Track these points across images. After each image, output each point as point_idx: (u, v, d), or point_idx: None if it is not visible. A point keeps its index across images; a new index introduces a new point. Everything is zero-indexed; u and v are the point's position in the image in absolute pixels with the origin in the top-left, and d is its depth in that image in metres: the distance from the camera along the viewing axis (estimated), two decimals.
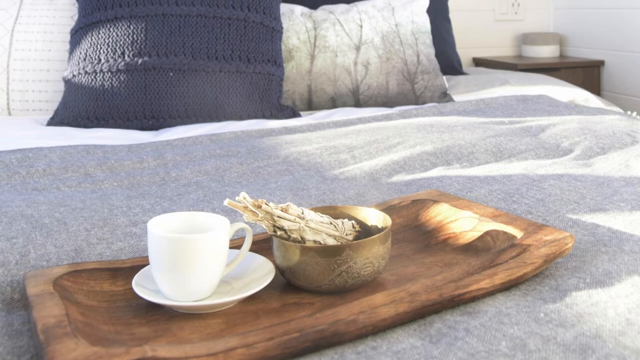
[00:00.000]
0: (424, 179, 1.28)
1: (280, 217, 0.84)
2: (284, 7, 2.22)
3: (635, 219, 1.02)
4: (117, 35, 1.93)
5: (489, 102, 1.97)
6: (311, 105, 2.12)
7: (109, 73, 1.89)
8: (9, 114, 2.04)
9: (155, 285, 0.82)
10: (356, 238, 0.89)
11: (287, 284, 0.86)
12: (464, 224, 0.97)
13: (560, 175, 1.25)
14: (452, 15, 2.99)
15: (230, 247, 0.90)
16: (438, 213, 1.02)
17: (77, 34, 1.99)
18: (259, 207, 0.83)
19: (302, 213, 0.85)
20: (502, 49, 3.24)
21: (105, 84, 1.87)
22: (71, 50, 1.98)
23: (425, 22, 2.22)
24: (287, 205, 0.85)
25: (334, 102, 2.11)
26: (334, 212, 0.93)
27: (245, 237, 0.89)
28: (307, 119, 1.91)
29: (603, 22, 2.91)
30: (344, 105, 2.12)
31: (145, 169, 1.38)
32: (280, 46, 2.05)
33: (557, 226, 1.01)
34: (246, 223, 1.00)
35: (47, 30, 2.10)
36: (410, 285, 0.78)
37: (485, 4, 3.19)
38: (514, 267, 0.82)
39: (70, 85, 1.91)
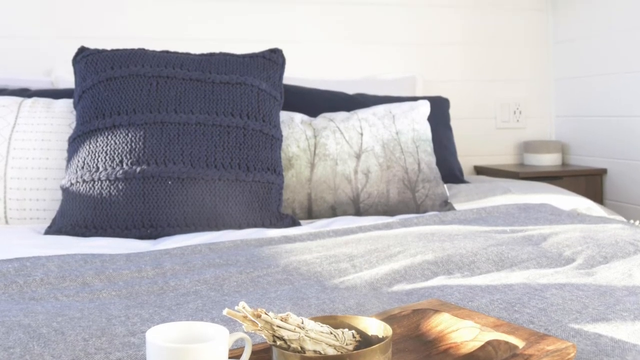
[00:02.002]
0: (425, 288, 1.31)
1: (280, 327, 0.86)
2: (284, 115, 2.28)
3: (638, 329, 1.05)
4: (116, 144, 1.98)
5: (490, 210, 2.01)
6: (311, 214, 2.16)
7: (107, 181, 1.93)
8: (6, 222, 2.08)
9: None
10: (356, 348, 0.91)
11: None
12: (465, 333, 0.99)
13: (562, 285, 1.28)
14: (454, 123, 3.07)
15: (230, 357, 0.92)
16: (439, 323, 1.04)
17: (75, 142, 2.04)
18: (259, 316, 0.85)
19: (302, 323, 0.87)
20: (503, 157, 3.30)
21: (104, 193, 1.92)
22: (69, 159, 2.03)
23: (426, 130, 2.28)
24: (287, 315, 0.87)
25: (334, 211, 2.15)
26: (334, 322, 0.96)
27: (244, 347, 0.91)
28: (307, 227, 1.94)
29: (605, 130, 2.99)
30: (344, 213, 2.16)
31: (143, 279, 1.41)
32: (280, 154, 2.11)
33: (559, 336, 1.03)
34: (245, 333, 1.02)
35: (45, 138, 2.16)
36: None
37: (487, 111, 3.28)
38: None
39: (68, 193, 1.96)
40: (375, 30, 3.17)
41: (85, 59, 2.19)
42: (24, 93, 2.41)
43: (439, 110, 2.76)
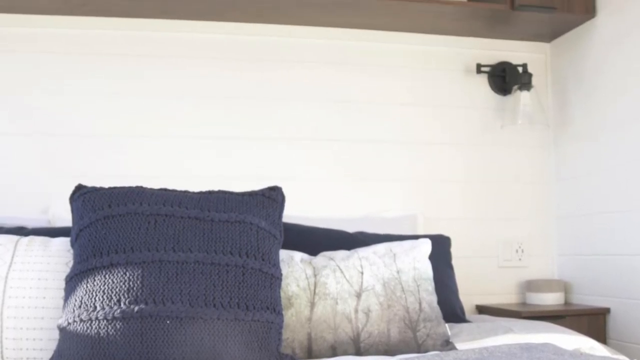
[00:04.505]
0: None
1: None
2: (284, 254, 2.33)
3: None
4: (113, 282, 2.02)
5: (492, 350, 2.04)
6: (311, 354, 2.18)
7: (105, 321, 1.96)
8: None
9: None
10: None
11: None
12: None
13: None
14: (455, 262, 3.13)
15: None
16: None
17: (72, 281, 2.08)
18: None
19: None
20: (505, 296, 3.34)
21: (101, 332, 1.95)
22: (66, 298, 2.07)
23: (427, 269, 2.34)
24: None
25: (334, 350, 2.18)
26: None
27: None
28: None
29: (608, 269, 3.04)
30: (345, 353, 2.18)
31: None
32: (280, 293, 2.15)
33: None
34: None
35: (42, 277, 2.19)
36: None
37: (489, 250, 3.34)
38: None
39: (65, 333, 1.99)
40: (375, 168, 3.27)
41: (82, 197, 2.24)
42: (21, 231, 2.46)
43: (441, 248, 2.82)
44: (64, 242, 2.32)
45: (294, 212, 3.00)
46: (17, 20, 3.00)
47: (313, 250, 2.53)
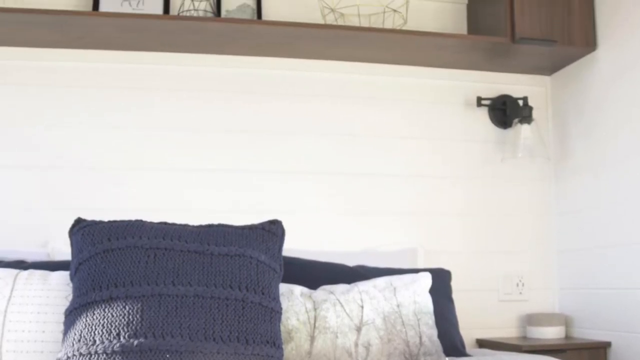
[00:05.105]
0: None
1: None
2: (283, 287, 2.34)
3: None
4: (113, 316, 2.02)
5: None
6: None
7: (104, 355, 1.97)
8: None
9: None
10: None
11: None
12: None
13: None
14: (456, 295, 3.14)
15: None
16: None
17: (72, 315, 2.09)
18: None
19: None
20: (506, 330, 3.35)
21: None
22: (65, 331, 2.07)
23: (427, 303, 2.35)
24: None
25: None
26: None
27: None
28: None
29: (609, 302, 3.05)
30: None
31: None
32: (280, 327, 2.15)
33: None
34: None
35: (41, 310, 2.20)
36: None
37: (489, 283, 3.35)
38: None
39: None
40: (376, 201, 3.28)
41: (81, 230, 2.25)
42: (20, 265, 2.47)
43: (441, 282, 2.83)
44: (63, 276, 2.33)
45: (294, 246, 3.01)
46: (17, 53, 3.03)
47: (313, 284, 2.54)
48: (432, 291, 2.67)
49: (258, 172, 3.17)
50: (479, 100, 3.44)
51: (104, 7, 3.05)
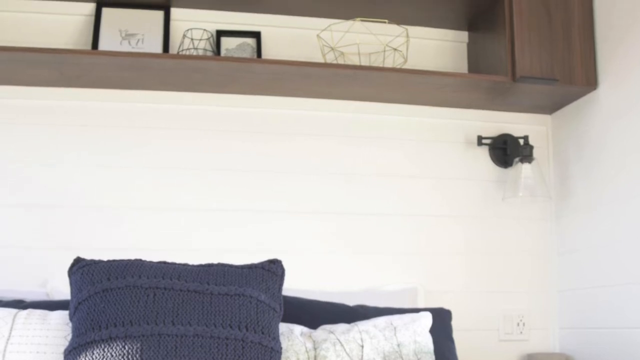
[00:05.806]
0: None
1: None
2: (283, 327, 2.35)
3: None
4: (112, 356, 2.03)
5: None
6: None
7: None
8: None
9: None
10: None
11: None
12: None
13: None
14: (456, 335, 3.14)
15: None
16: None
17: (71, 355, 2.09)
18: None
19: None
20: None
21: None
22: None
23: (427, 342, 2.36)
24: None
25: None
26: None
27: None
28: None
29: (610, 342, 3.05)
30: None
31: None
32: None
33: None
34: None
35: (40, 350, 2.21)
36: None
37: (490, 323, 3.35)
38: None
39: None
40: (376, 240, 3.29)
41: (81, 269, 2.27)
42: (19, 304, 2.48)
43: (441, 321, 2.83)
44: (62, 316, 2.34)
45: (294, 285, 3.02)
46: (14, 92, 3.06)
47: (313, 324, 2.54)
48: (433, 331, 2.67)
49: (258, 211, 3.18)
50: (480, 139, 3.46)
51: (103, 45, 3.08)
